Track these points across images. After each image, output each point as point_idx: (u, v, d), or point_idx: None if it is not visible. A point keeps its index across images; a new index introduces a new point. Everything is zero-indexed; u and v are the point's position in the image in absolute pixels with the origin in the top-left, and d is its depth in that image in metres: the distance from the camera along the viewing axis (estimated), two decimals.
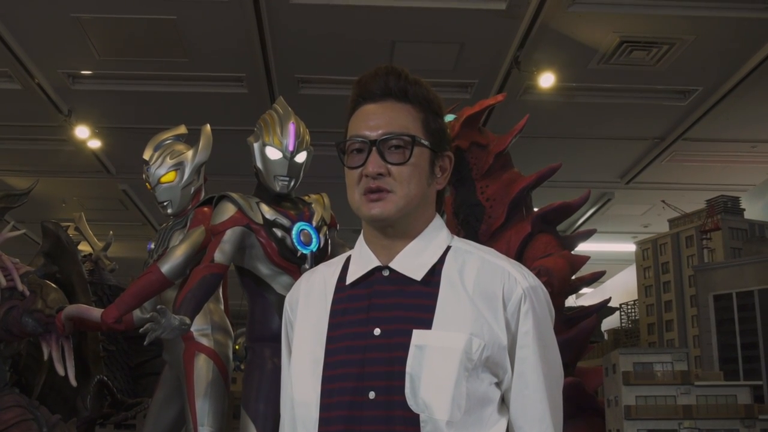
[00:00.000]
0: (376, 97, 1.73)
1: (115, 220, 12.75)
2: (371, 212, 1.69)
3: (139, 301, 3.96)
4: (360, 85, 1.76)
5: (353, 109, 1.76)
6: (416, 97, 1.74)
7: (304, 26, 7.65)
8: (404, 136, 1.69)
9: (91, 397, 5.76)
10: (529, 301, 1.68)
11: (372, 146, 1.69)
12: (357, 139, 1.71)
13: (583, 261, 5.16)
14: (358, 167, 1.70)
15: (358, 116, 1.74)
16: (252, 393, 3.94)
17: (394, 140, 1.69)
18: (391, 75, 1.73)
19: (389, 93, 1.73)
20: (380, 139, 1.69)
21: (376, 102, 1.73)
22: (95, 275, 6.98)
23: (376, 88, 1.73)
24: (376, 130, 1.70)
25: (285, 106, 4.33)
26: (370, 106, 1.73)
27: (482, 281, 1.69)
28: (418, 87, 1.74)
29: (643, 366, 7.25)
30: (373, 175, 1.67)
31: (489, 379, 1.65)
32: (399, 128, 1.70)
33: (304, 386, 1.71)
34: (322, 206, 4.31)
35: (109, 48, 8.08)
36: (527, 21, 7.46)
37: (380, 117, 1.71)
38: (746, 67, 8.38)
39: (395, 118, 1.71)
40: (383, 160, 1.68)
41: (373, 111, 1.72)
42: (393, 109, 1.72)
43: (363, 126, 1.71)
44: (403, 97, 1.73)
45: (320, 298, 1.78)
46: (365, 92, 1.74)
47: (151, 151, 4.62)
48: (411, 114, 1.73)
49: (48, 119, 9.46)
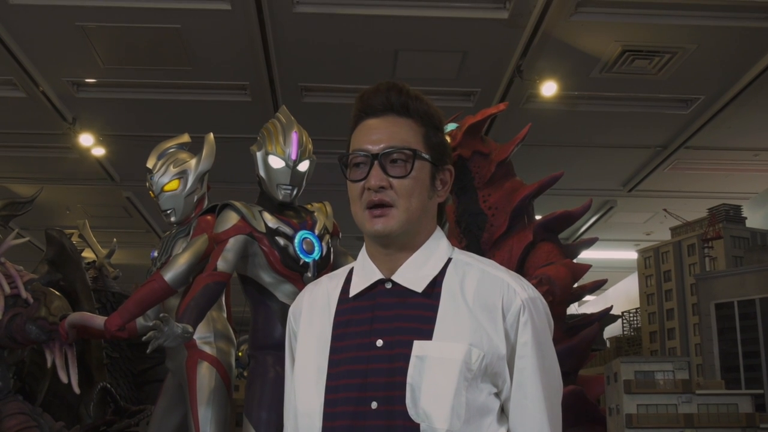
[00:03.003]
0: (377, 111, 1.76)
1: (119, 227, 12.74)
2: (375, 228, 1.71)
3: (142, 309, 3.96)
4: (362, 101, 1.78)
5: (355, 123, 1.79)
6: (417, 112, 1.76)
7: (308, 35, 7.66)
8: (405, 150, 1.72)
9: (95, 405, 5.76)
10: (528, 312, 1.70)
11: (374, 160, 1.71)
12: (359, 153, 1.73)
13: (585, 269, 5.15)
14: (361, 180, 1.72)
15: (360, 131, 1.77)
16: (254, 401, 3.94)
17: (395, 154, 1.72)
18: (392, 90, 1.76)
19: (390, 108, 1.75)
20: (382, 152, 1.71)
21: (378, 117, 1.76)
22: (99, 283, 6.96)
23: (378, 103, 1.75)
24: (378, 144, 1.72)
25: (288, 114, 4.34)
26: (371, 121, 1.76)
27: (482, 293, 1.71)
28: (419, 102, 1.77)
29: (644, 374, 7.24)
30: (375, 188, 1.70)
31: (488, 389, 1.67)
32: (400, 142, 1.72)
33: (307, 396, 1.72)
34: (325, 215, 4.31)
35: (114, 56, 8.10)
36: (530, 30, 7.47)
37: (382, 131, 1.73)
38: (748, 76, 8.38)
39: (396, 132, 1.73)
40: (385, 174, 1.71)
41: (375, 125, 1.75)
42: (394, 124, 1.74)
43: (365, 140, 1.74)
44: (404, 111, 1.75)
45: (323, 310, 1.80)
46: (367, 107, 1.77)
47: (155, 160, 4.63)
48: (412, 128, 1.75)
49: (52, 127, 9.47)
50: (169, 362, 4.48)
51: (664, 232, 13.76)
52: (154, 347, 3.44)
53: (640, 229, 14.03)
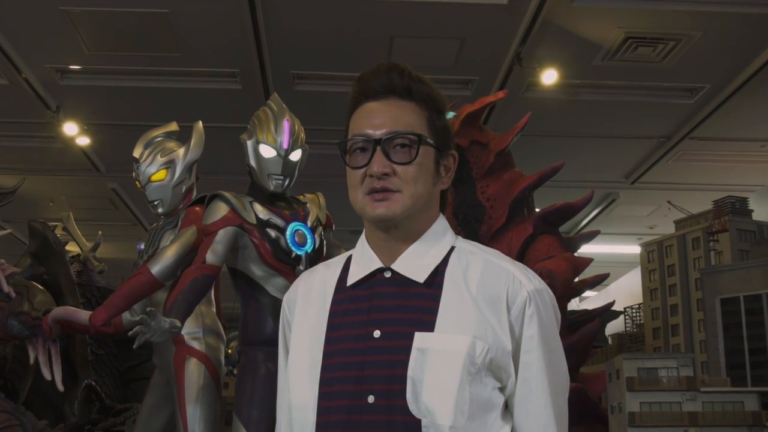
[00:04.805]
0: (378, 94, 1.72)
1: (105, 219, 12.72)
2: (376, 212, 1.68)
3: (128, 304, 3.96)
4: (361, 82, 1.74)
5: (354, 106, 1.75)
6: (420, 95, 1.73)
7: (300, 20, 7.65)
8: (410, 135, 1.69)
9: (79, 403, 5.76)
10: (534, 305, 1.68)
11: (376, 145, 1.68)
12: (360, 138, 1.70)
13: (587, 263, 5.16)
14: (362, 167, 1.69)
15: (360, 114, 1.73)
16: (244, 398, 3.94)
17: (399, 139, 1.68)
18: (394, 72, 1.72)
19: (392, 90, 1.71)
20: (385, 137, 1.68)
21: (379, 99, 1.72)
22: (83, 277, 6.97)
23: (379, 86, 1.72)
24: (380, 128, 1.69)
25: (279, 102, 4.33)
26: (372, 104, 1.72)
27: (486, 284, 1.68)
28: (422, 84, 1.73)
29: (647, 371, 7.27)
30: (378, 175, 1.66)
31: (492, 383, 1.65)
32: (404, 127, 1.69)
33: (301, 389, 1.70)
34: (318, 206, 4.31)
35: (99, 42, 8.07)
36: (530, 16, 7.46)
37: (384, 115, 1.70)
38: (755, 64, 8.39)
39: (400, 116, 1.70)
40: (388, 160, 1.68)
41: (376, 109, 1.71)
42: (397, 107, 1.71)
43: (366, 124, 1.70)
44: (407, 94, 1.72)
45: (319, 299, 1.77)
46: (367, 89, 1.73)
47: (142, 149, 4.62)
48: (415, 112, 1.72)
49: (35, 115, 9.44)
50: (156, 358, 4.47)
51: (668, 226, 13.80)
52: (140, 342, 3.43)
53: (644, 222, 14.04)
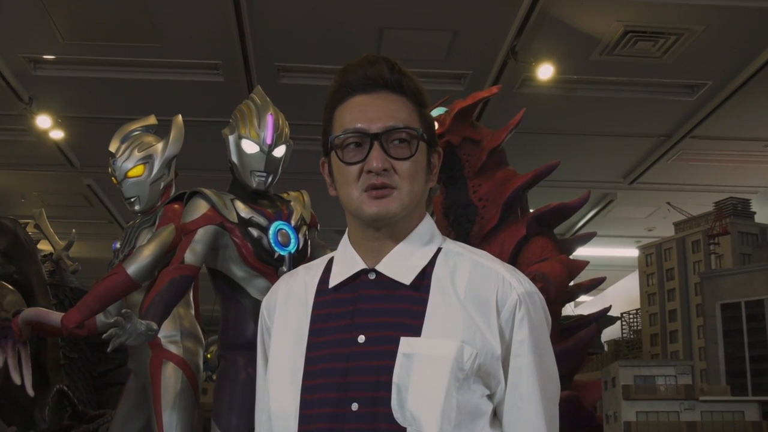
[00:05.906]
0: (367, 87, 1.72)
1: (79, 217, 12.68)
2: (372, 210, 1.68)
3: (102, 305, 3.95)
4: (347, 74, 1.74)
5: (339, 99, 1.75)
6: (410, 89, 1.74)
7: (285, 10, 7.64)
8: (410, 130, 1.70)
9: (50, 409, 5.73)
10: (524, 308, 1.68)
11: (373, 140, 1.68)
12: (354, 133, 1.70)
13: (582, 266, 5.17)
14: (357, 163, 1.69)
15: (350, 108, 1.72)
16: (224, 405, 3.93)
17: (398, 134, 1.69)
18: (382, 64, 1.72)
19: (384, 84, 1.72)
20: (383, 132, 1.68)
21: (368, 93, 1.72)
22: (56, 276, 6.93)
23: (368, 79, 1.72)
24: (375, 122, 1.69)
25: (263, 96, 4.33)
26: (362, 97, 1.72)
27: (474, 286, 1.69)
28: (410, 79, 1.75)
29: (644, 379, 7.28)
30: (379, 170, 1.67)
31: (481, 390, 1.65)
32: (402, 121, 1.70)
33: (282, 397, 1.70)
34: (302, 204, 4.30)
35: (74, 31, 8.04)
36: (525, 8, 7.46)
37: (379, 109, 1.70)
38: (759, 60, 8.42)
39: (395, 110, 1.71)
40: (387, 155, 1.68)
41: (369, 102, 1.71)
42: (391, 101, 1.72)
43: (360, 118, 1.70)
44: (398, 88, 1.73)
45: (300, 303, 1.77)
46: (355, 82, 1.73)
47: (118, 143, 4.61)
48: (408, 107, 1.73)
49: (6, 107, 9.40)
50: (132, 363, 4.47)
51: (667, 228, 13.83)
52: (115, 346, 3.42)
53: (642, 224, 14.09)
